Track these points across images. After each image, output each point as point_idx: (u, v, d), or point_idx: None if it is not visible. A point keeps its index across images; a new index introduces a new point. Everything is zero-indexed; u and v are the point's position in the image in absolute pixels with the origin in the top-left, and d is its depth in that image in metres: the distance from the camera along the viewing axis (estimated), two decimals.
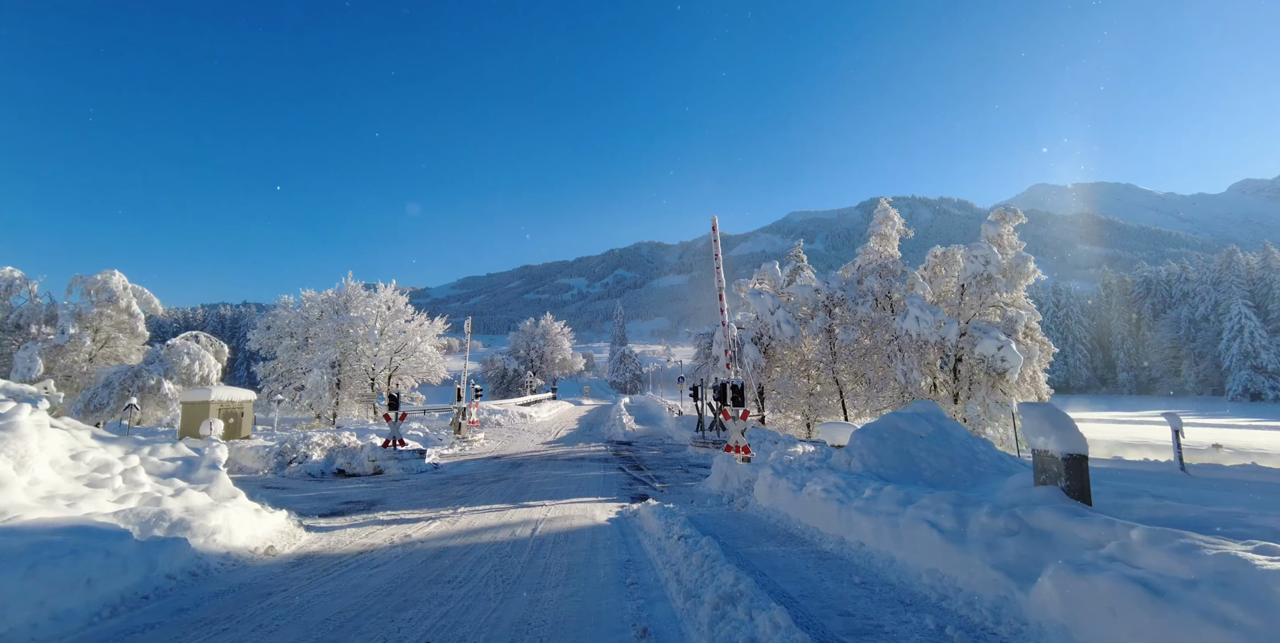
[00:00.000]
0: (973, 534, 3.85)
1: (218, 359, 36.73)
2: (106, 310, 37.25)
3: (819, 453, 9.79)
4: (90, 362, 37.15)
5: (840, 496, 6.07)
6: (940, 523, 4.20)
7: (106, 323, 37.64)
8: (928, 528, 4.21)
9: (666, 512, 7.92)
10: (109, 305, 37.23)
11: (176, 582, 4.49)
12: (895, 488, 5.57)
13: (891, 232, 20.41)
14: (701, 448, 18.90)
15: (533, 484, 12.71)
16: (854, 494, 6.01)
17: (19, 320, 37.10)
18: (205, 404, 18.68)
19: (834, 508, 5.96)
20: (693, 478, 13.93)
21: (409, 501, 10.60)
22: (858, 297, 19.99)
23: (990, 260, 17.09)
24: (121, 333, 37.94)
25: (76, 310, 36.77)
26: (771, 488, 8.30)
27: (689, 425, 23.98)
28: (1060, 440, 4.09)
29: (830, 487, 6.43)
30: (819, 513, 6.32)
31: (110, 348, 38.00)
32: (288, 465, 15.59)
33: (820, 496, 6.36)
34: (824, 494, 6.33)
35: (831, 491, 6.29)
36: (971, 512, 4.11)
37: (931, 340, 17.41)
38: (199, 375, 34.82)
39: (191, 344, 36.34)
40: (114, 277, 37.78)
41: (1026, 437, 4.44)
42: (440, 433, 23.43)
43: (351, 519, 8.51)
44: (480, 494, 11.29)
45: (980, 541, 3.69)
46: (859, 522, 5.42)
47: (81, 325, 36.50)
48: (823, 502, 6.25)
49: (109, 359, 37.48)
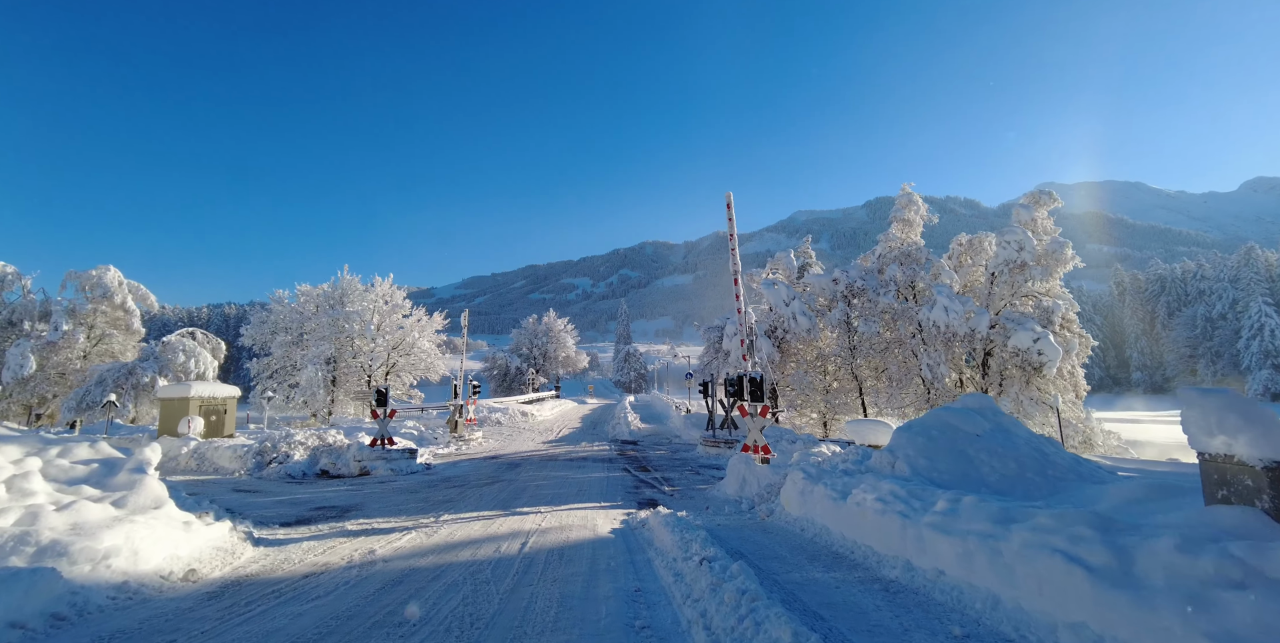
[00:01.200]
0: (1152, 578, 2.62)
1: (215, 356, 35.71)
2: (101, 306, 36.26)
3: (851, 454, 8.54)
4: (85, 359, 36.16)
5: (902, 507, 4.84)
6: (1084, 557, 2.97)
7: (101, 319, 36.66)
8: (1063, 562, 2.99)
9: (680, 523, 6.71)
10: (103, 301, 36.24)
11: (24, 633, 3.29)
12: (978, 500, 4.32)
13: (915, 217, 19.08)
14: (712, 448, 17.69)
15: (529, 487, 11.52)
16: (919, 506, 4.78)
17: (12, 317, 36.14)
18: (184, 401, 17.58)
19: (895, 523, 4.73)
20: (705, 481, 12.71)
21: (388, 506, 9.42)
22: (879, 286, 18.69)
23: (1024, 246, 15.78)
24: (116, 329, 36.95)
25: (70, 307, 35.80)
26: (804, 495, 7.06)
27: (698, 424, 22.77)
28: (1256, 441, 2.85)
29: (886, 496, 5.19)
30: (872, 528, 5.09)
31: (105, 345, 37.02)
32: (267, 466, 14.44)
33: (874, 507, 5.12)
34: (878, 505, 5.09)
35: (889, 501, 5.05)
36: (1135, 543, 2.88)
37: (960, 333, 16.12)
38: (195, 373, 33.82)
39: (187, 341, 35.33)
40: (109, 272, 36.79)
41: (1193, 435, 3.23)
42: (437, 432, 22.28)
43: (315, 529, 7.32)
44: (469, 499, 10.10)
45: (1175, 591, 2.46)
46: (935, 543, 4.19)
47: (75, 322, 35.53)
48: (878, 514, 5.02)
49: (104, 356, 36.50)
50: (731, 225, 11.68)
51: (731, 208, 11.80)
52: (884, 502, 5.05)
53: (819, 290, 19.66)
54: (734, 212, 11.75)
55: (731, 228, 11.69)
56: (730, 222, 11.66)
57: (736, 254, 11.79)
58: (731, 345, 20.02)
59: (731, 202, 11.83)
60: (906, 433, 7.67)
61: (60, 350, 34.80)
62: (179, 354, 34.28)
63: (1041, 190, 16.81)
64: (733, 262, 11.86)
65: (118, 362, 34.28)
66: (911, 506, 4.78)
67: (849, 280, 19.04)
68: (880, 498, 5.15)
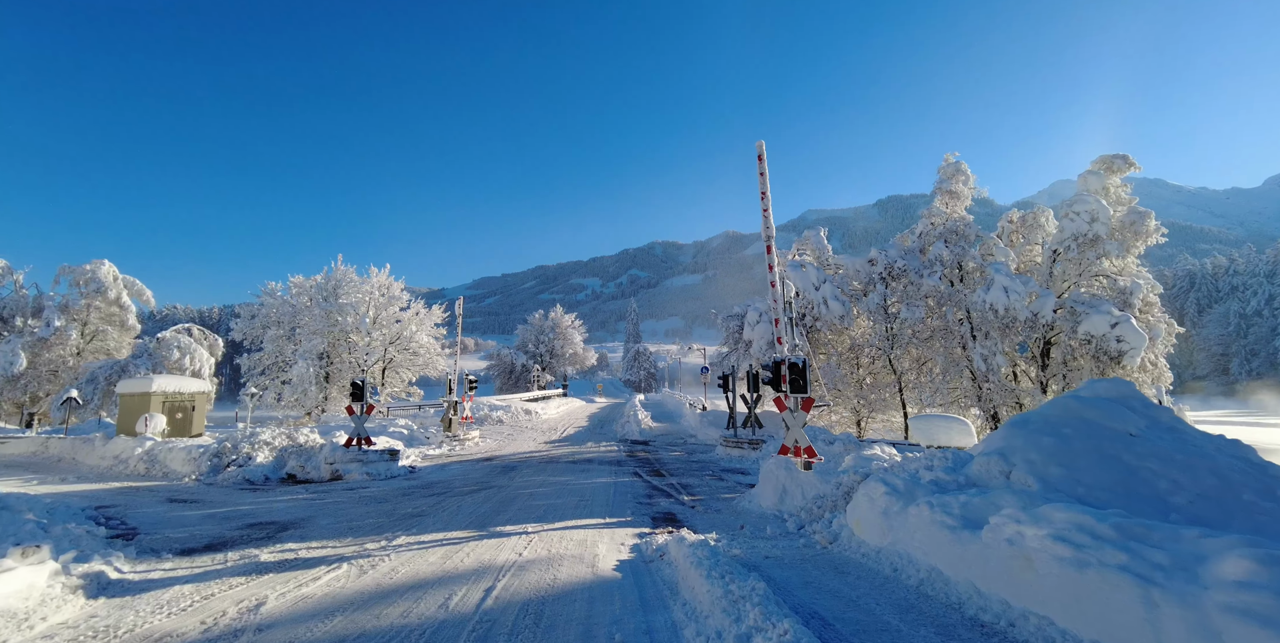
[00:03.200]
0: None
1: (212, 353, 34.25)
2: (95, 302, 34.89)
3: (936, 459, 6.44)
4: (79, 356, 34.83)
5: (1122, 559, 2.77)
6: None
7: (95, 315, 35.31)
8: None
9: (715, 557, 4.67)
10: (97, 297, 34.88)
11: None
12: None
13: (963, 188, 16.83)
14: (734, 449, 15.63)
15: (520, 496, 9.53)
16: (1166, 562, 2.71)
17: (4, 312, 34.91)
18: (145, 397, 15.79)
19: (1126, 595, 2.67)
20: (730, 488, 10.67)
21: (339, 522, 7.47)
22: (921, 268, 16.52)
23: (1098, 217, 13.55)
24: (111, 326, 35.60)
25: (64, 302, 34.52)
26: (890, 517, 4.99)
27: (716, 423, 20.68)
28: None
29: (1071, 534, 3.12)
30: (1059, 591, 3.04)
31: (100, 342, 35.70)
32: (224, 469, 12.57)
33: (1056, 553, 3.06)
34: (1066, 552, 3.03)
35: (1085, 545, 2.98)
36: None
37: (1020, 318, 13.93)
38: (189, 370, 32.37)
39: (182, 338, 33.84)
40: (103, 267, 35.42)
41: None
42: (430, 431, 20.38)
43: (215, 561, 5.37)
44: (443, 512, 8.13)
45: None
46: None
47: (68, 318, 34.19)
48: (1072, 570, 2.96)
49: (98, 354, 35.16)
50: (763, 181, 9.68)
51: (764, 160, 9.79)
52: (1075, 546, 2.98)
53: (853, 273, 17.47)
54: (766, 164, 9.74)
55: (763, 184, 9.68)
56: (762, 176, 9.67)
57: (769, 216, 9.76)
58: (755, 334, 17.90)
59: (764, 152, 9.82)
60: (1022, 431, 5.57)
61: (53, 347, 33.49)
62: (174, 351, 32.83)
63: (1115, 155, 14.54)
64: (764, 226, 9.82)
65: (112, 359, 32.91)
66: (1145, 559, 2.72)
67: (888, 261, 16.82)
68: (1064, 538, 3.08)
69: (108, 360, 33.00)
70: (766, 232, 9.78)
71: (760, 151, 9.82)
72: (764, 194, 9.82)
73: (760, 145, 9.91)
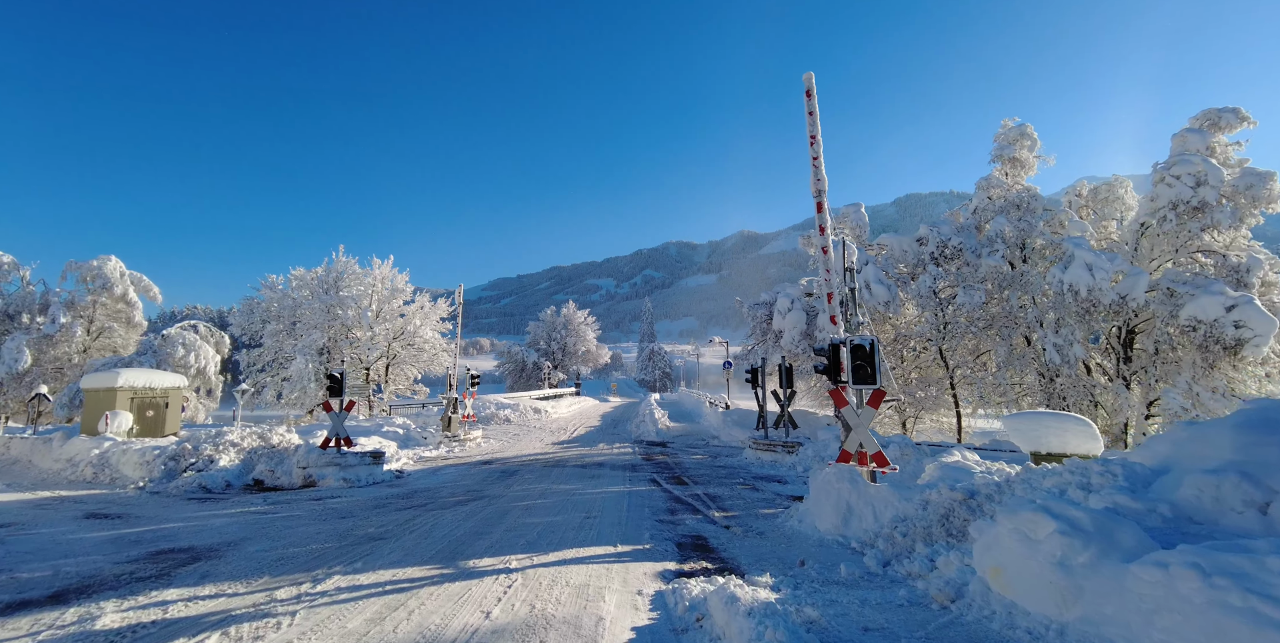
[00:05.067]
0: None
1: (218, 351, 33.12)
2: (101, 298, 33.96)
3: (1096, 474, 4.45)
4: (84, 353, 33.91)
5: None
6: None
7: (101, 312, 34.39)
8: None
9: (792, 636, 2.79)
10: (103, 293, 33.93)
11: None
12: None
13: (1028, 155, 14.60)
14: (765, 452, 13.68)
15: (513, 510, 7.70)
16: None
17: (10, 309, 34.07)
18: (110, 392, 14.22)
19: None
20: (768, 501, 8.73)
21: (270, 550, 5.70)
22: (978, 246, 14.39)
23: (1205, 180, 11.33)
24: (117, 322, 34.67)
25: (69, 298, 33.65)
26: (1073, 573, 3.04)
27: (741, 423, 18.70)
28: None
29: None
30: None
31: (106, 339, 34.76)
32: (180, 474, 10.93)
33: None
34: None
35: None
36: None
37: (1105, 301, 11.78)
38: (195, 368, 31.18)
39: (188, 334, 32.71)
40: (109, 262, 34.47)
41: None
42: (429, 430, 18.72)
43: (27, 625, 3.61)
44: (411, 534, 6.33)
45: None
46: None
47: (74, 315, 33.32)
48: None
49: (104, 351, 34.22)
50: (812, 122, 7.74)
51: (813, 96, 7.85)
52: None
53: (898, 255, 15.36)
54: (816, 102, 7.80)
55: (812, 126, 7.74)
56: (811, 116, 7.73)
57: (820, 166, 7.82)
58: (786, 324, 15.87)
59: (813, 87, 7.88)
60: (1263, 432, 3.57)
61: (58, 344, 32.60)
62: (178, 348, 31.67)
63: (1223, 108, 12.20)
64: (814, 178, 7.89)
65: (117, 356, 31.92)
66: None
67: (940, 238, 14.67)
68: None
69: (111, 358, 31.97)
70: (817, 185, 7.85)
71: (809, 86, 7.89)
72: (814, 138, 7.88)
73: (809, 78, 7.97)
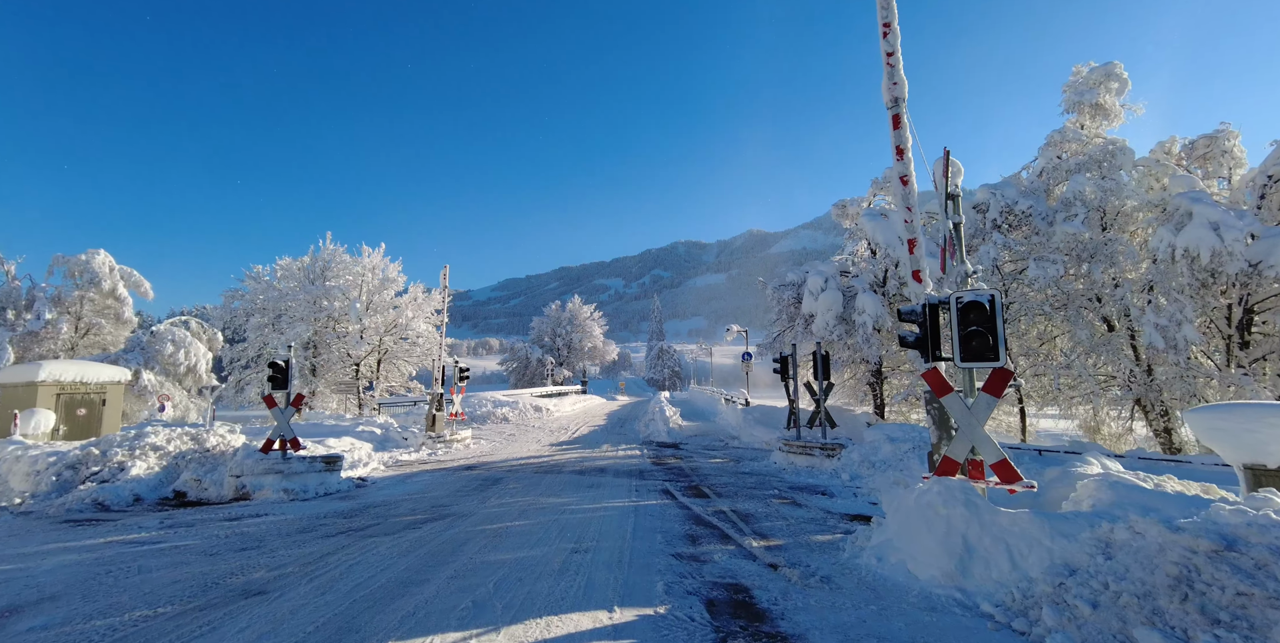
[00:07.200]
0: None
1: (211, 348, 31.29)
2: (88, 294, 32.20)
3: None
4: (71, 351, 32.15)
5: None
6: None
7: (88, 308, 32.58)
8: None
9: None
10: (91, 288, 32.17)
11: None
12: None
13: (1112, 101, 12.15)
14: (799, 456, 11.41)
15: (475, 539, 5.53)
16: None
17: None
18: (30, 387, 12.24)
19: None
20: (817, 522, 6.49)
21: (51, 630, 3.55)
22: (1050, 212, 12.05)
23: None
24: (105, 319, 32.88)
25: (56, 294, 31.94)
26: None
27: (765, 421, 16.42)
28: None
29: None
30: None
31: (95, 336, 32.94)
32: (79, 485, 8.86)
33: None
34: None
35: None
36: None
37: (1231, 271, 9.44)
38: (185, 366, 29.32)
39: (179, 331, 30.83)
40: (98, 256, 32.67)
41: None
42: (413, 430, 16.65)
43: None
44: (307, 585, 4.17)
45: None
46: None
47: (60, 310, 31.60)
48: None
49: (92, 348, 32.44)
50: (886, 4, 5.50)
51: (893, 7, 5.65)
52: None
53: None
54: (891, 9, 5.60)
55: (885, 10, 5.50)
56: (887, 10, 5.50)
57: (898, 63, 5.59)
58: (819, 306, 13.55)
59: None
60: None
61: (43, 342, 30.80)
62: (168, 345, 29.83)
63: None
64: (886, 78, 5.66)
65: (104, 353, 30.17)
66: None
67: (1004, 203, 12.29)
68: None
69: (98, 356, 30.21)
70: (892, 90, 5.61)
71: None
72: (887, 26, 5.66)
73: None
